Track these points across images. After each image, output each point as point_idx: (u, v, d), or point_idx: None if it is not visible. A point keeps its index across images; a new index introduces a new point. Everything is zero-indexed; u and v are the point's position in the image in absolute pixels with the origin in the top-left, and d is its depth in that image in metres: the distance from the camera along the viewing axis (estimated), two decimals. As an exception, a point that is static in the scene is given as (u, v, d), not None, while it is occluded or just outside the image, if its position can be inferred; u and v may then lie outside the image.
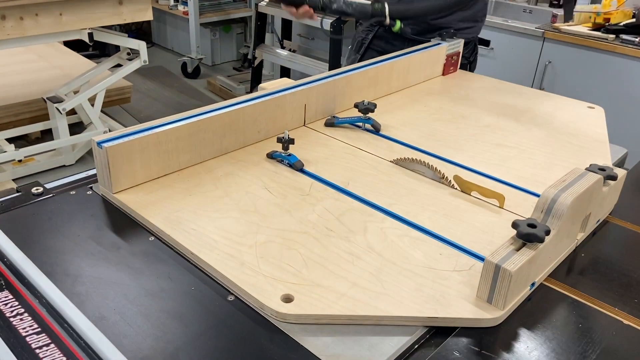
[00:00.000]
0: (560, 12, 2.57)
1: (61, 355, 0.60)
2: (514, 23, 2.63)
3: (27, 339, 0.62)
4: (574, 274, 0.87)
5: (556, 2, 2.88)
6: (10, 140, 2.88)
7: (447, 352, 0.70)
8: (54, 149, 2.93)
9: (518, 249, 0.76)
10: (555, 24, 2.49)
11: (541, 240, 0.75)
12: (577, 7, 2.60)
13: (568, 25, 2.48)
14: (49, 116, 2.93)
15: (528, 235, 0.75)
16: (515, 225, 0.77)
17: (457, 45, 1.67)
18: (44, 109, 2.99)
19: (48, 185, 1.03)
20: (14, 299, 0.67)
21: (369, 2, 1.47)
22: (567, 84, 2.51)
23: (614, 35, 2.35)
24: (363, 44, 1.78)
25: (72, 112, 2.98)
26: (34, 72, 3.45)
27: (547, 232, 0.76)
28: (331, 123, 1.27)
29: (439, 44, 1.62)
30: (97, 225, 0.91)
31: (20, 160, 2.81)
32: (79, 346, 0.62)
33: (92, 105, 2.97)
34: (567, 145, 1.25)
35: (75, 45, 3.81)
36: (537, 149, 1.22)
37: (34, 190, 1.00)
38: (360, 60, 1.72)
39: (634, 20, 2.38)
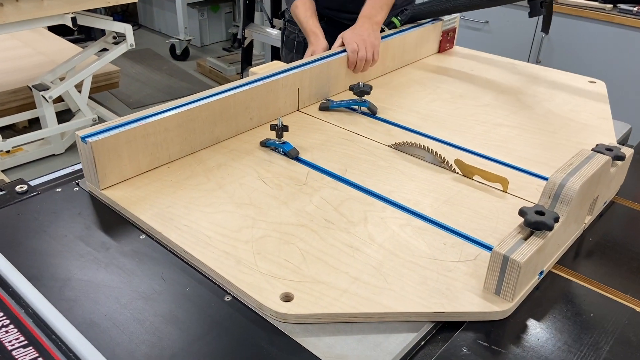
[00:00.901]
0: (556, -18, 2.50)
1: (50, 369, 0.56)
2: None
3: (14, 352, 0.58)
4: (582, 259, 0.84)
5: (552, -28, 2.81)
6: (-3, 130, 2.81)
7: (455, 348, 0.67)
8: (43, 138, 2.86)
9: (526, 238, 0.73)
10: (552, -5, 2.42)
11: (550, 228, 0.72)
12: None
13: (564, -4, 2.42)
14: (36, 105, 2.85)
15: (536, 223, 0.72)
16: (522, 212, 0.74)
17: (453, 21, 1.61)
18: (30, 97, 2.91)
19: (33, 182, 0.99)
20: (-2, 310, 0.64)
21: None
22: (565, 56, 2.46)
23: (611, 5, 2.29)
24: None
25: (59, 99, 2.91)
26: (18, 59, 3.35)
27: (556, 220, 0.73)
28: (326, 107, 1.23)
29: (434, 20, 1.56)
30: (85, 224, 0.87)
31: (8, 151, 2.75)
32: (69, 359, 0.58)
33: (79, 91, 2.89)
34: (569, 122, 1.21)
35: (60, 30, 3.71)
36: (539, 127, 1.19)
37: (18, 188, 0.96)
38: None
39: (632, -12, 2.32)
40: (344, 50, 1.30)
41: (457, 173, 1.01)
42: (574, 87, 1.39)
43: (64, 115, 3.05)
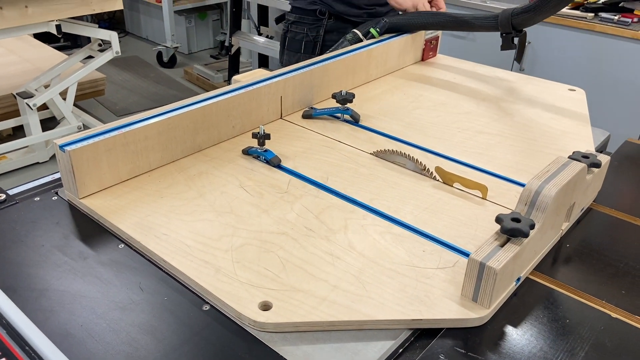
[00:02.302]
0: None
1: (22, 381, 0.56)
2: (492, 4, 2.59)
3: (-15, 365, 0.57)
4: (559, 266, 0.85)
5: (534, -19, 2.85)
6: (-20, 138, 2.78)
7: (433, 355, 0.68)
8: (27, 146, 2.84)
9: (502, 245, 0.73)
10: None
11: (526, 235, 0.73)
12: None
13: (547, 5, 2.45)
14: (20, 112, 2.83)
15: (512, 230, 0.73)
16: (498, 219, 0.74)
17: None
18: (14, 105, 2.89)
19: (11, 192, 0.98)
20: (-30, 321, 0.63)
21: (345, 39, 1.45)
22: (547, 64, 2.49)
23: (592, 14, 2.33)
24: (316, 42, 1.69)
25: (44, 107, 2.89)
26: (3, 66, 3.33)
27: (532, 226, 0.74)
28: (309, 115, 1.23)
29: (417, 28, 1.58)
30: (63, 233, 0.86)
31: (-9, 160, 2.72)
32: (42, 370, 0.58)
33: (64, 99, 2.88)
34: (549, 130, 1.22)
35: (45, 37, 3.69)
36: (519, 135, 1.20)
37: (-5, 197, 0.95)
38: None
39: (612, -2, 2.36)
40: (326, 59, 1.30)
41: (438, 180, 1.01)
42: (554, 95, 1.41)
43: (48, 123, 3.03)
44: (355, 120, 1.22)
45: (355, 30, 1.45)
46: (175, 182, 0.98)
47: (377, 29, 1.43)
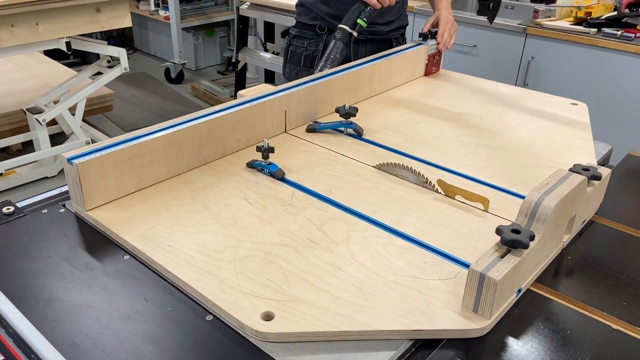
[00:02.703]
0: (542, 7, 2.57)
1: (28, 389, 0.57)
2: (496, 20, 2.61)
3: (-8, 372, 0.59)
4: (560, 278, 0.85)
5: (537, -3, 2.88)
6: (-10, 153, 2.82)
7: (433, 366, 0.68)
8: (36, 161, 2.87)
9: (503, 256, 0.74)
10: (537, 20, 2.49)
11: (526, 246, 0.73)
12: (559, 2, 2.60)
13: (550, 20, 2.47)
14: (29, 127, 2.87)
15: (512, 241, 0.73)
16: (499, 231, 0.75)
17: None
18: (24, 120, 2.94)
19: (20, 204, 1.00)
20: (-22, 331, 0.64)
21: (335, 39, 1.41)
22: (551, 79, 2.50)
23: (595, 29, 2.35)
24: (315, 57, 1.70)
25: (53, 122, 2.93)
26: (13, 82, 3.39)
27: (532, 238, 0.75)
28: (313, 129, 1.25)
29: (420, 44, 1.60)
30: (70, 245, 0.88)
31: (1, 174, 2.76)
32: (47, 378, 0.59)
33: (73, 114, 2.92)
34: (551, 144, 1.23)
35: (55, 54, 3.76)
36: (521, 148, 1.21)
37: (4, 210, 0.97)
38: None
39: (615, 13, 2.38)
40: (330, 74, 1.32)
41: (440, 193, 1.02)
42: (556, 109, 1.42)
43: (57, 138, 3.07)
44: (358, 134, 1.23)
45: (340, 26, 1.41)
46: (181, 194, 0.99)
47: (364, 19, 1.42)
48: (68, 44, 2.52)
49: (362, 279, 0.80)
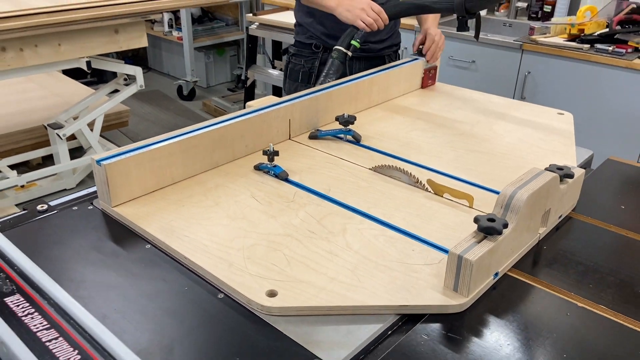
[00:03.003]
0: (538, 24, 2.68)
1: (69, 347, 0.67)
2: (494, 37, 2.73)
3: (38, 334, 0.69)
4: (536, 264, 0.94)
5: (534, 15, 3.00)
6: (12, 166, 2.97)
7: (416, 335, 0.78)
8: (55, 174, 3.01)
9: (479, 242, 0.84)
10: (533, 36, 2.60)
11: (499, 233, 0.83)
12: (553, 19, 2.71)
13: (545, 37, 2.58)
14: (50, 142, 3.02)
15: (488, 228, 0.83)
16: (476, 220, 0.85)
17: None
18: (44, 136, 3.08)
19: (52, 203, 1.11)
20: (24, 301, 0.75)
21: (332, 58, 1.53)
22: (546, 92, 2.60)
23: (588, 45, 2.45)
24: (312, 73, 1.83)
25: (72, 137, 3.08)
26: (34, 100, 3.55)
27: (505, 226, 0.84)
28: (314, 136, 1.36)
29: (417, 59, 1.72)
30: (98, 236, 0.99)
31: (22, 186, 2.90)
32: (85, 339, 0.69)
33: (91, 130, 3.06)
34: (536, 149, 1.33)
35: (74, 73, 3.93)
36: (508, 153, 1.31)
37: (39, 207, 1.08)
38: None
39: (607, 30, 2.49)
40: (330, 87, 1.44)
41: (429, 191, 1.12)
42: (543, 118, 1.52)
43: (75, 153, 3.22)
44: (356, 140, 1.34)
45: (337, 47, 1.53)
46: (195, 193, 1.10)
47: (358, 40, 1.55)
48: (88, 63, 2.67)
49: (356, 263, 0.90)
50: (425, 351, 0.75)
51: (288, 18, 3.34)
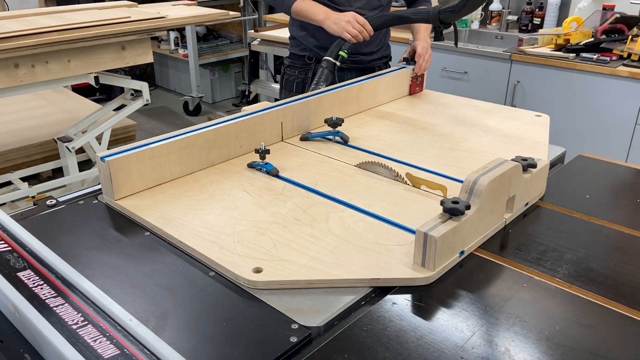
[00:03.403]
0: (526, 36, 2.78)
1: (74, 311, 0.76)
2: (486, 48, 2.84)
3: (47, 301, 0.78)
4: (501, 246, 1.03)
5: (524, 28, 3.11)
6: (23, 179, 3.09)
7: (386, 303, 0.86)
8: (65, 185, 3.13)
9: (444, 222, 0.92)
10: (521, 47, 2.70)
11: (462, 213, 0.92)
12: (541, 30, 2.81)
13: (533, 47, 2.69)
14: (60, 155, 3.14)
15: (451, 209, 0.92)
16: (442, 202, 0.94)
17: (421, 68, 1.86)
18: (54, 149, 3.21)
19: (60, 199, 1.21)
20: (34, 275, 0.84)
21: (321, 67, 1.64)
22: (535, 100, 2.70)
23: (574, 54, 2.55)
24: (305, 83, 1.95)
25: (81, 150, 3.20)
26: (44, 116, 3.69)
27: (468, 207, 0.93)
28: (305, 137, 1.46)
29: (404, 67, 1.82)
30: (102, 225, 1.09)
31: (33, 197, 3.01)
32: (88, 304, 0.78)
33: (100, 143, 3.18)
34: (511, 147, 1.42)
35: (83, 92, 4.08)
36: (485, 151, 1.40)
37: (48, 202, 1.18)
38: None
39: (592, 39, 2.58)
40: (320, 92, 1.54)
41: (408, 184, 1.21)
42: (522, 119, 1.61)
43: (84, 165, 3.34)
44: (344, 141, 1.44)
45: (326, 57, 1.64)
46: (191, 188, 1.20)
47: (345, 51, 1.65)
48: (96, 78, 2.80)
49: (336, 245, 0.98)
50: (392, 315, 0.83)
51: (287, 34, 3.47)
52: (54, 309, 0.77)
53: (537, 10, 3.08)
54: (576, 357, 0.76)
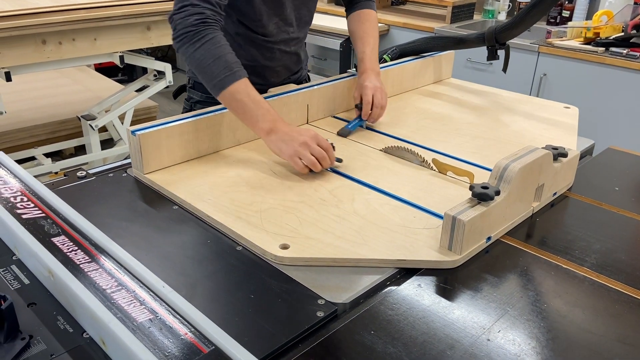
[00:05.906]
0: (554, 28, 2.74)
1: (107, 275, 0.78)
2: (513, 40, 2.80)
3: (81, 266, 0.80)
4: (528, 233, 1.02)
5: (553, 20, 3.06)
6: (47, 155, 3.14)
7: (411, 284, 0.86)
8: (87, 163, 3.17)
9: (473, 206, 0.92)
10: (549, 39, 2.66)
11: (491, 198, 0.92)
12: (570, 23, 2.77)
13: (561, 40, 2.64)
14: (83, 133, 3.18)
15: (481, 194, 0.92)
16: (471, 187, 0.94)
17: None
18: (77, 127, 3.25)
19: (90, 171, 1.23)
20: (69, 241, 0.86)
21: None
22: (561, 93, 2.66)
23: (603, 48, 2.51)
24: None
25: (103, 129, 3.24)
26: (68, 94, 3.74)
27: (497, 193, 0.93)
28: (343, 134, 1.39)
29: (430, 55, 1.80)
30: (131, 198, 1.10)
31: (56, 173, 3.06)
32: (121, 270, 0.80)
33: (122, 123, 3.22)
34: (539, 137, 1.41)
35: (105, 72, 4.11)
36: (512, 140, 1.39)
37: (78, 174, 1.20)
38: None
39: (622, 34, 2.54)
40: (349, 76, 1.54)
41: (434, 170, 1.21)
42: (550, 110, 1.60)
43: (106, 144, 3.38)
44: (371, 127, 1.43)
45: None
46: (219, 165, 1.21)
47: (389, 56, 1.65)
48: (121, 57, 2.82)
49: (361, 226, 0.99)
50: (418, 296, 0.84)
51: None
52: (88, 273, 0.79)
53: (566, 2, 3.03)
54: (604, 344, 0.75)
